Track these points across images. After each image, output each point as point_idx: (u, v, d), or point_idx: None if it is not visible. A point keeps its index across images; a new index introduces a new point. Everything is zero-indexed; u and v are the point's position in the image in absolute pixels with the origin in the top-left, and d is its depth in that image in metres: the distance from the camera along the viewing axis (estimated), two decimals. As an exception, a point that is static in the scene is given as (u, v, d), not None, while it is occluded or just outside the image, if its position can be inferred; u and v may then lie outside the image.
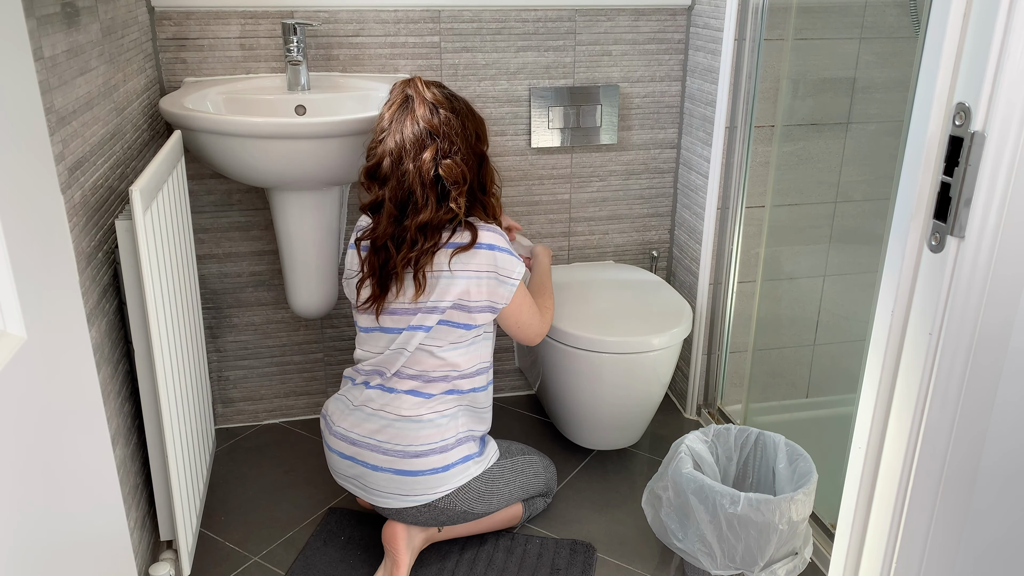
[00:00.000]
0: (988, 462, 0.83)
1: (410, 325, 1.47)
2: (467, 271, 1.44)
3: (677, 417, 2.18)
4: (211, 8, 1.77)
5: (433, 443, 1.50)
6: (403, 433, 1.50)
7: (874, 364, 0.89)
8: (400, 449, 1.49)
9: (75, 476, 0.99)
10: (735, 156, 1.90)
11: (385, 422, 1.51)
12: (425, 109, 1.41)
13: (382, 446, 1.50)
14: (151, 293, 1.30)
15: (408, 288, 1.45)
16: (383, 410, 1.52)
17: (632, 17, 1.98)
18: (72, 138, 1.20)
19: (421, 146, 1.39)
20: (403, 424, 1.50)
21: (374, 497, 1.54)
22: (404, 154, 1.39)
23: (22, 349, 0.85)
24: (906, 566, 0.89)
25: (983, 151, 0.73)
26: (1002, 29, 0.70)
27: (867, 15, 1.82)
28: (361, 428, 1.53)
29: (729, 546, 1.44)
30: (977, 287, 0.77)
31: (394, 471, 1.50)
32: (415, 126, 1.39)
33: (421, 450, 1.50)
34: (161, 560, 1.47)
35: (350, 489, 1.59)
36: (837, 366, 2.02)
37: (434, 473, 1.50)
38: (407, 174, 1.39)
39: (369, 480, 1.53)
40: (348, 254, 1.54)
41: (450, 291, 1.44)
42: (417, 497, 1.51)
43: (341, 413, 1.56)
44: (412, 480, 1.50)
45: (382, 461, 1.51)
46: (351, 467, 1.55)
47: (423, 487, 1.51)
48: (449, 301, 1.44)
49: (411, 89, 1.43)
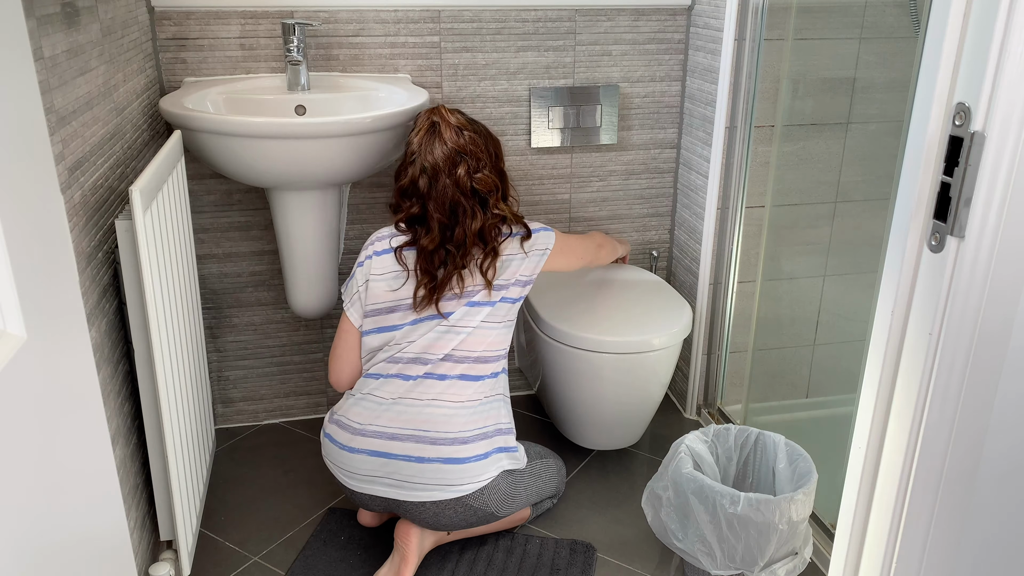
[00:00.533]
0: (988, 462, 0.83)
1: (471, 302, 1.56)
2: (535, 250, 1.62)
3: (677, 417, 2.18)
4: (211, 8, 1.77)
5: (477, 428, 1.54)
6: (445, 419, 1.52)
7: (874, 364, 0.89)
8: (449, 436, 1.51)
9: (75, 476, 0.99)
10: (735, 156, 1.90)
11: (427, 409, 1.52)
12: (452, 132, 1.55)
13: (427, 435, 1.51)
14: (151, 293, 1.30)
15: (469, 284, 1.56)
16: (422, 395, 1.53)
17: (632, 17, 1.98)
18: (72, 138, 1.20)
19: (454, 163, 1.54)
20: (445, 409, 1.52)
21: (412, 492, 1.52)
22: (439, 172, 1.53)
23: (22, 349, 0.85)
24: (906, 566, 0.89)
25: (983, 151, 0.73)
26: (1002, 29, 0.70)
27: (867, 15, 1.82)
28: (399, 420, 1.52)
29: (729, 546, 1.44)
30: (977, 287, 0.77)
31: (441, 460, 1.50)
32: (444, 147, 1.54)
33: (467, 435, 1.52)
34: (161, 560, 1.47)
35: (374, 492, 1.54)
36: (837, 366, 2.02)
37: (477, 460, 1.52)
38: (447, 188, 1.53)
39: (408, 473, 1.51)
40: (376, 260, 1.58)
41: (522, 268, 1.60)
42: (460, 488, 1.51)
43: (370, 412, 1.54)
44: (458, 469, 1.51)
45: (428, 451, 1.51)
46: (384, 465, 1.52)
47: (468, 476, 1.51)
48: (526, 276, 1.61)
49: (436, 116, 1.57)
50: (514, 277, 1.60)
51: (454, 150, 1.54)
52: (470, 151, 1.55)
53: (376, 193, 2.00)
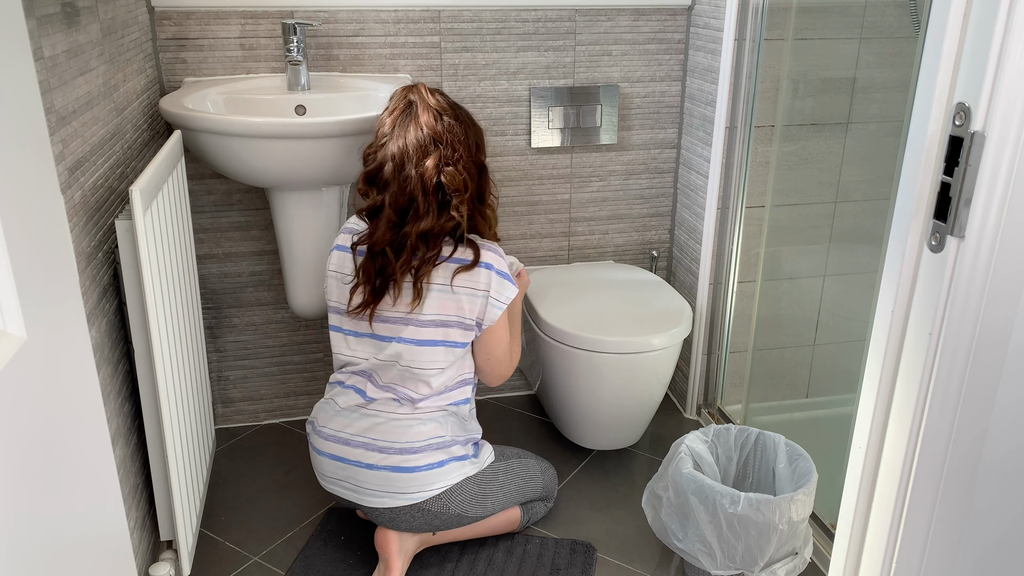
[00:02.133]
0: (988, 462, 0.83)
1: (401, 337, 1.47)
2: (466, 288, 1.46)
3: (677, 417, 2.18)
4: (211, 8, 1.77)
5: (428, 439, 1.50)
6: (397, 430, 1.49)
7: (874, 364, 0.89)
8: (396, 446, 1.49)
9: (75, 476, 0.99)
10: (735, 156, 1.90)
11: (379, 420, 1.51)
12: (429, 115, 1.41)
13: (375, 443, 1.50)
14: (151, 293, 1.30)
15: (405, 296, 1.45)
16: (375, 409, 1.52)
17: (632, 17, 1.98)
18: (72, 138, 1.20)
19: (424, 152, 1.39)
20: (397, 421, 1.50)
21: (366, 498, 1.53)
22: (407, 160, 1.40)
23: (22, 349, 0.85)
24: (906, 566, 0.89)
25: (983, 151, 0.73)
26: (1002, 29, 0.70)
27: (867, 15, 1.82)
28: (353, 427, 1.52)
29: (729, 546, 1.44)
30: (977, 287, 0.77)
31: (389, 468, 1.49)
32: (419, 132, 1.39)
33: (417, 446, 1.49)
34: (161, 560, 1.47)
35: (339, 493, 1.56)
36: (837, 366, 2.02)
37: (429, 469, 1.49)
38: (409, 180, 1.39)
39: (361, 479, 1.51)
40: (335, 255, 1.52)
41: (449, 306, 1.46)
42: (411, 495, 1.50)
43: (328, 415, 1.55)
44: (407, 478, 1.49)
45: (377, 459, 1.50)
46: (341, 469, 1.53)
47: (418, 484, 1.49)
48: (451, 316, 1.46)
49: (414, 95, 1.43)
50: (445, 313, 1.44)
51: (429, 136, 1.39)
52: (446, 140, 1.40)
53: (376, 193, 2.00)
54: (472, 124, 1.48)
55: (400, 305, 1.46)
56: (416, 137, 1.39)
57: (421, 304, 1.44)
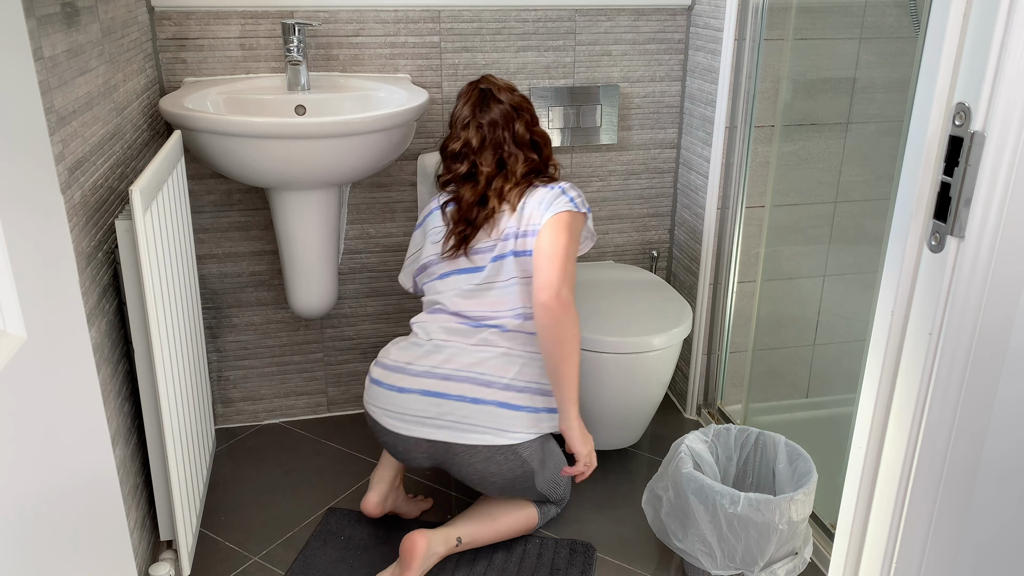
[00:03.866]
0: (988, 462, 0.83)
1: (496, 255, 1.58)
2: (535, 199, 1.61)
3: (677, 417, 2.18)
4: (211, 8, 1.77)
5: (530, 381, 1.54)
6: (504, 365, 1.53)
7: (874, 364, 0.89)
8: (503, 381, 1.51)
9: (75, 476, 0.99)
10: (735, 156, 1.90)
11: (485, 355, 1.53)
12: (506, 93, 1.66)
13: (483, 377, 1.51)
14: (151, 293, 1.30)
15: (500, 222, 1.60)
16: (476, 345, 1.54)
17: (632, 17, 1.98)
18: (72, 138, 1.20)
19: (511, 119, 1.64)
20: (501, 359, 1.53)
21: (466, 435, 1.50)
22: (496, 127, 1.63)
23: (22, 349, 0.85)
24: (906, 566, 0.89)
25: (983, 151, 0.73)
26: (1002, 29, 0.70)
27: (867, 15, 1.82)
28: (456, 362, 1.53)
29: (729, 546, 1.44)
30: (977, 287, 0.77)
31: (497, 403, 1.50)
32: (501, 105, 1.64)
33: (519, 385, 1.53)
34: (161, 560, 1.47)
35: (425, 436, 1.52)
36: (837, 366, 2.02)
37: (533, 412, 1.53)
38: (504, 142, 1.63)
39: (464, 414, 1.50)
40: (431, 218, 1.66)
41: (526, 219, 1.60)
42: (513, 435, 1.51)
43: (423, 354, 1.55)
44: (512, 415, 1.51)
45: (485, 394, 1.51)
46: (438, 405, 1.51)
47: (521, 424, 1.51)
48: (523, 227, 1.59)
49: (484, 84, 1.67)
50: (529, 223, 1.60)
51: (510, 106, 1.64)
52: (524, 107, 1.67)
53: (376, 193, 2.00)
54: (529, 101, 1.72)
55: (495, 232, 1.60)
56: (501, 110, 1.64)
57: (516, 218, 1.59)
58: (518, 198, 1.61)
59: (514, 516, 1.65)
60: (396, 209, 2.02)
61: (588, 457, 1.56)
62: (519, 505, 1.66)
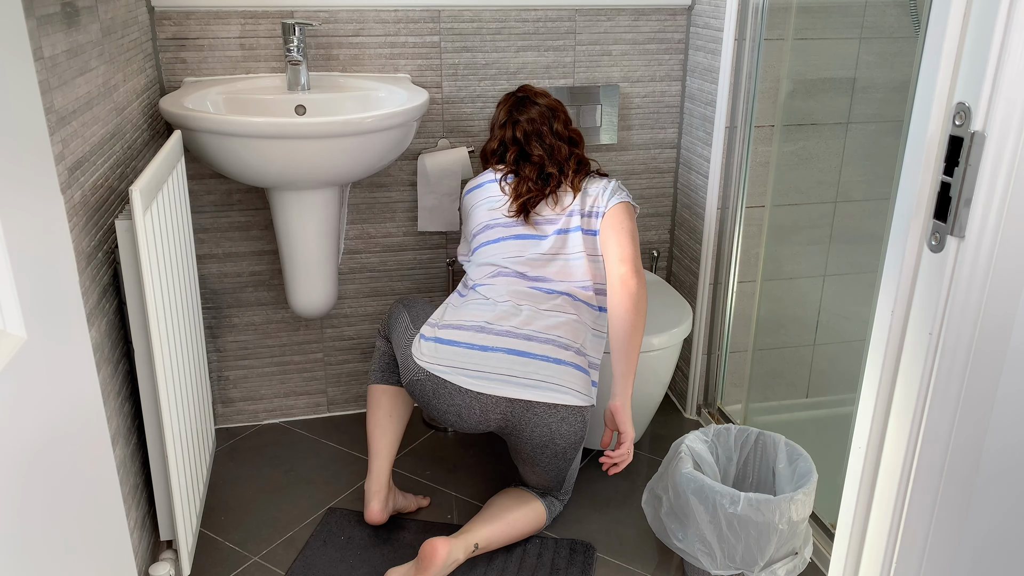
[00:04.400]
0: (988, 462, 0.83)
1: (560, 228, 1.70)
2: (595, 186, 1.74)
3: (677, 417, 2.18)
4: (211, 8, 1.77)
5: (592, 353, 1.63)
6: (577, 332, 1.61)
7: (874, 364, 0.89)
8: (576, 346, 1.59)
9: (75, 476, 0.99)
10: (735, 156, 1.90)
11: (560, 320, 1.61)
12: (543, 96, 1.80)
13: (562, 340, 1.58)
14: (151, 293, 1.30)
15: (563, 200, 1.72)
16: (551, 310, 1.62)
17: (632, 17, 1.98)
18: (72, 138, 1.20)
19: (547, 117, 1.77)
20: (575, 325, 1.61)
21: (540, 392, 1.51)
22: (534, 123, 1.76)
23: (22, 349, 0.85)
24: (906, 566, 0.89)
25: (983, 151, 0.73)
26: (1002, 29, 0.70)
27: (867, 15, 1.82)
28: (536, 323, 1.59)
29: (729, 546, 1.44)
30: (977, 287, 0.77)
31: (575, 366, 1.57)
32: (538, 107, 1.78)
33: (589, 355, 1.62)
34: (161, 560, 1.47)
35: (505, 394, 1.51)
36: (837, 366, 2.02)
37: (591, 380, 1.60)
38: (544, 135, 1.76)
39: (548, 374, 1.53)
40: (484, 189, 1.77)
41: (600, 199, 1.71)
42: (581, 395, 1.55)
43: (501, 313, 1.60)
44: (584, 378, 1.57)
45: (567, 356, 1.57)
46: (525, 364, 1.53)
47: (587, 388, 1.57)
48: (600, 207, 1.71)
49: (522, 92, 1.81)
50: (594, 205, 1.72)
51: (547, 107, 1.78)
52: (561, 108, 1.80)
53: (376, 193, 2.00)
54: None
55: (559, 206, 1.72)
56: (539, 111, 1.77)
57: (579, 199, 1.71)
58: (580, 182, 1.74)
59: (525, 515, 1.66)
60: (396, 209, 2.03)
61: (631, 442, 1.60)
62: (527, 503, 1.67)
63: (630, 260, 1.64)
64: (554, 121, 1.78)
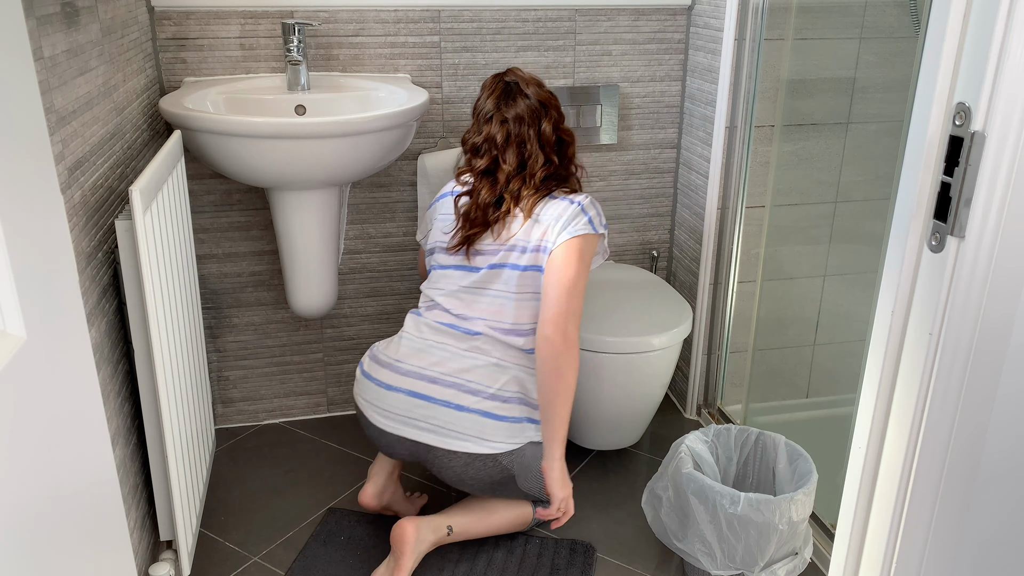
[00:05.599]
0: (988, 462, 0.83)
1: (495, 263, 1.55)
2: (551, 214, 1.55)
3: (677, 417, 2.18)
4: (211, 8, 1.77)
5: (517, 391, 1.53)
6: (492, 375, 1.52)
7: (874, 364, 0.89)
8: (490, 391, 1.51)
9: (75, 476, 0.99)
10: (735, 156, 1.90)
11: (476, 363, 1.52)
12: (533, 88, 1.59)
13: (470, 385, 1.51)
14: (151, 293, 1.30)
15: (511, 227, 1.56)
16: (467, 351, 1.53)
17: (632, 17, 1.98)
18: (72, 138, 1.20)
19: (538, 115, 1.58)
20: (490, 368, 1.53)
21: (446, 439, 1.51)
22: (521, 123, 1.57)
23: (22, 349, 0.85)
24: (906, 566, 0.89)
25: (983, 151, 0.73)
26: (1002, 29, 0.70)
27: (867, 15, 1.82)
28: (445, 366, 1.53)
29: (729, 546, 1.44)
30: (977, 287, 0.77)
31: (482, 412, 1.50)
32: (528, 100, 1.58)
33: (506, 395, 1.52)
34: (161, 560, 1.47)
35: (407, 436, 1.53)
36: (837, 366, 2.02)
37: (516, 422, 1.52)
38: (527, 140, 1.57)
39: (447, 420, 1.50)
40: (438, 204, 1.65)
41: (536, 233, 1.55)
42: (494, 444, 1.50)
43: (415, 352, 1.56)
44: (495, 425, 1.50)
45: (471, 402, 1.50)
46: (424, 408, 1.51)
47: (502, 434, 1.51)
48: (537, 241, 1.54)
49: (510, 77, 1.61)
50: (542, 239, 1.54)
51: (538, 102, 1.58)
52: (552, 104, 1.60)
53: (376, 193, 2.00)
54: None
55: (502, 236, 1.56)
56: (527, 105, 1.57)
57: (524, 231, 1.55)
58: (534, 206, 1.55)
59: (509, 511, 1.65)
60: (396, 209, 2.03)
61: (564, 503, 1.54)
62: (514, 500, 1.66)
63: (556, 320, 1.47)
64: (543, 120, 1.58)
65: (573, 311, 1.49)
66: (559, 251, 1.51)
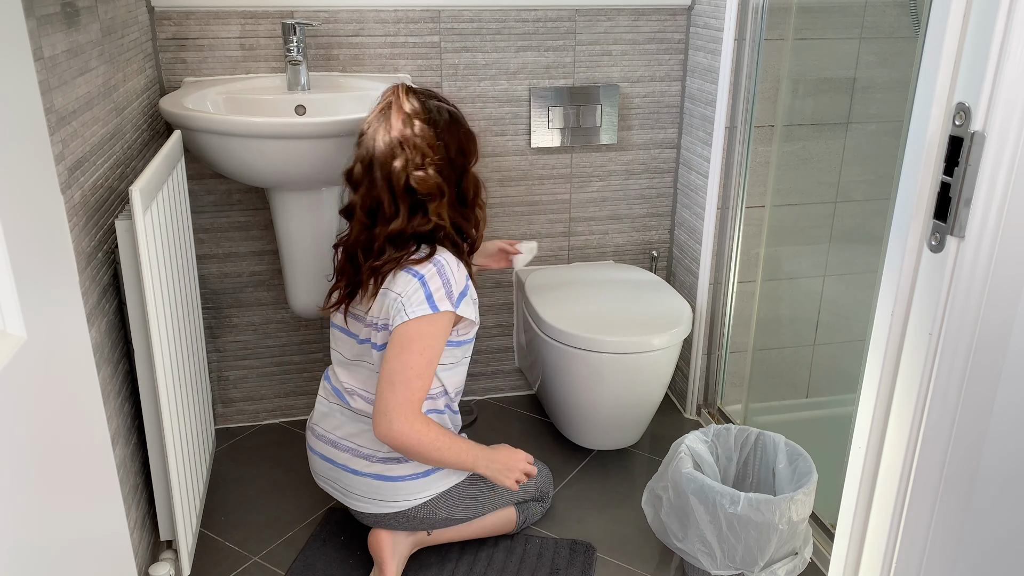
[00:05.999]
0: (988, 462, 0.83)
1: (362, 338, 1.49)
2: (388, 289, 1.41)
3: (677, 417, 2.18)
4: (211, 8, 1.77)
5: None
6: (378, 441, 1.49)
7: (874, 364, 0.89)
8: (380, 455, 1.50)
9: (75, 476, 0.99)
10: (735, 156, 1.90)
11: (363, 427, 1.51)
12: (400, 120, 1.39)
13: (360, 449, 1.51)
14: (151, 293, 1.30)
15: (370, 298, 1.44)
16: (361, 412, 1.52)
17: (632, 17, 1.98)
18: (72, 138, 1.20)
19: (391, 156, 1.37)
20: None
21: (353, 502, 1.54)
22: (374, 161, 1.39)
23: (22, 349, 0.85)
24: (906, 566, 0.89)
25: (983, 151, 0.73)
26: (1002, 29, 0.70)
27: (867, 15, 1.82)
28: (341, 430, 1.54)
29: (729, 546, 1.44)
30: (977, 287, 0.77)
31: (373, 475, 1.50)
32: (387, 136, 1.38)
33: (397, 458, 1.49)
34: (161, 560, 1.47)
35: (330, 492, 1.59)
36: (837, 366, 2.02)
37: (414, 479, 1.50)
38: (375, 182, 1.39)
39: (347, 483, 1.53)
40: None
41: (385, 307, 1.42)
42: (396, 504, 1.51)
43: (323, 415, 1.57)
44: (391, 486, 1.50)
45: (361, 465, 1.51)
46: (331, 470, 1.55)
47: (402, 494, 1.50)
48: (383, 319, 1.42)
49: (393, 96, 1.42)
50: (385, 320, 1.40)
51: (397, 140, 1.37)
52: (414, 144, 1.36)
53: (376, 193, 2.00)
54: (455, 128, 1.43)
55: (365, 305, 1.45)
56: (384, 141, 1.38)
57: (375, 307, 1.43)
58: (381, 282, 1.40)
59: (491, 516, 1.65)
60: (396, 209, 2.02)
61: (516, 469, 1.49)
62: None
63: (377, 416, 1.38)
64: (395, 160, 1.35)
65: (398, 404, 1.36)
66: (394, 336, 1.37)
